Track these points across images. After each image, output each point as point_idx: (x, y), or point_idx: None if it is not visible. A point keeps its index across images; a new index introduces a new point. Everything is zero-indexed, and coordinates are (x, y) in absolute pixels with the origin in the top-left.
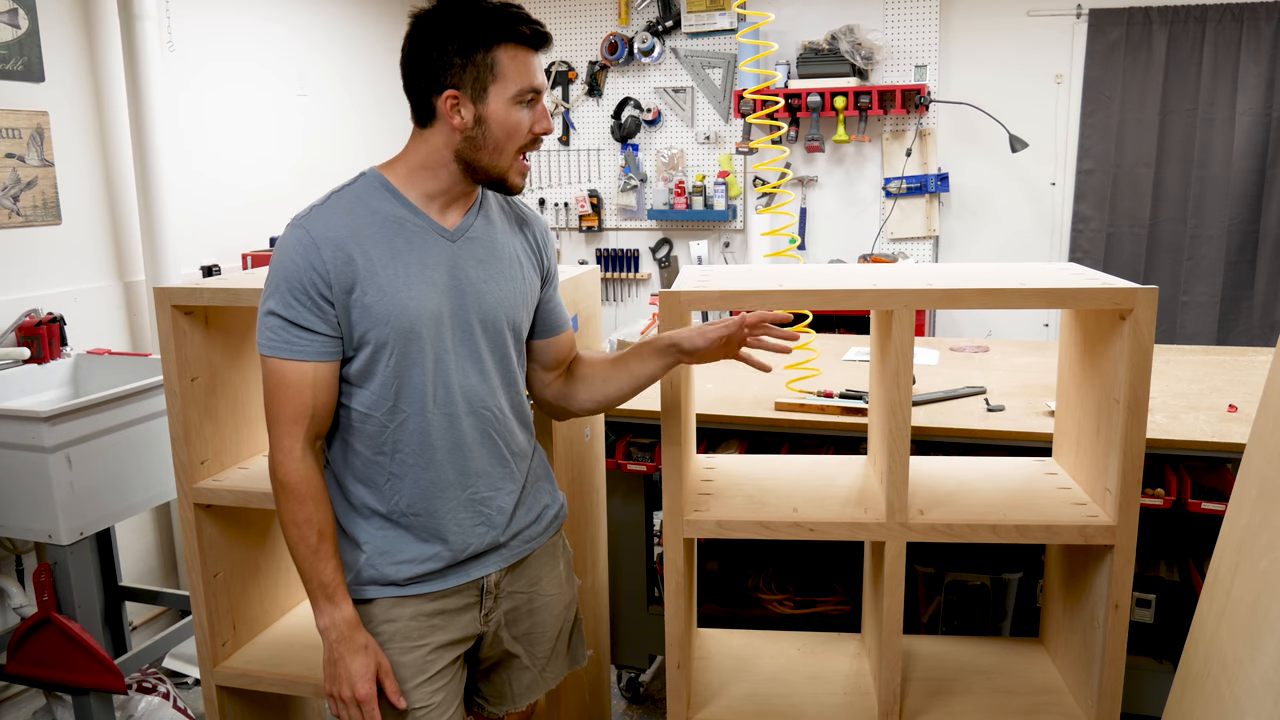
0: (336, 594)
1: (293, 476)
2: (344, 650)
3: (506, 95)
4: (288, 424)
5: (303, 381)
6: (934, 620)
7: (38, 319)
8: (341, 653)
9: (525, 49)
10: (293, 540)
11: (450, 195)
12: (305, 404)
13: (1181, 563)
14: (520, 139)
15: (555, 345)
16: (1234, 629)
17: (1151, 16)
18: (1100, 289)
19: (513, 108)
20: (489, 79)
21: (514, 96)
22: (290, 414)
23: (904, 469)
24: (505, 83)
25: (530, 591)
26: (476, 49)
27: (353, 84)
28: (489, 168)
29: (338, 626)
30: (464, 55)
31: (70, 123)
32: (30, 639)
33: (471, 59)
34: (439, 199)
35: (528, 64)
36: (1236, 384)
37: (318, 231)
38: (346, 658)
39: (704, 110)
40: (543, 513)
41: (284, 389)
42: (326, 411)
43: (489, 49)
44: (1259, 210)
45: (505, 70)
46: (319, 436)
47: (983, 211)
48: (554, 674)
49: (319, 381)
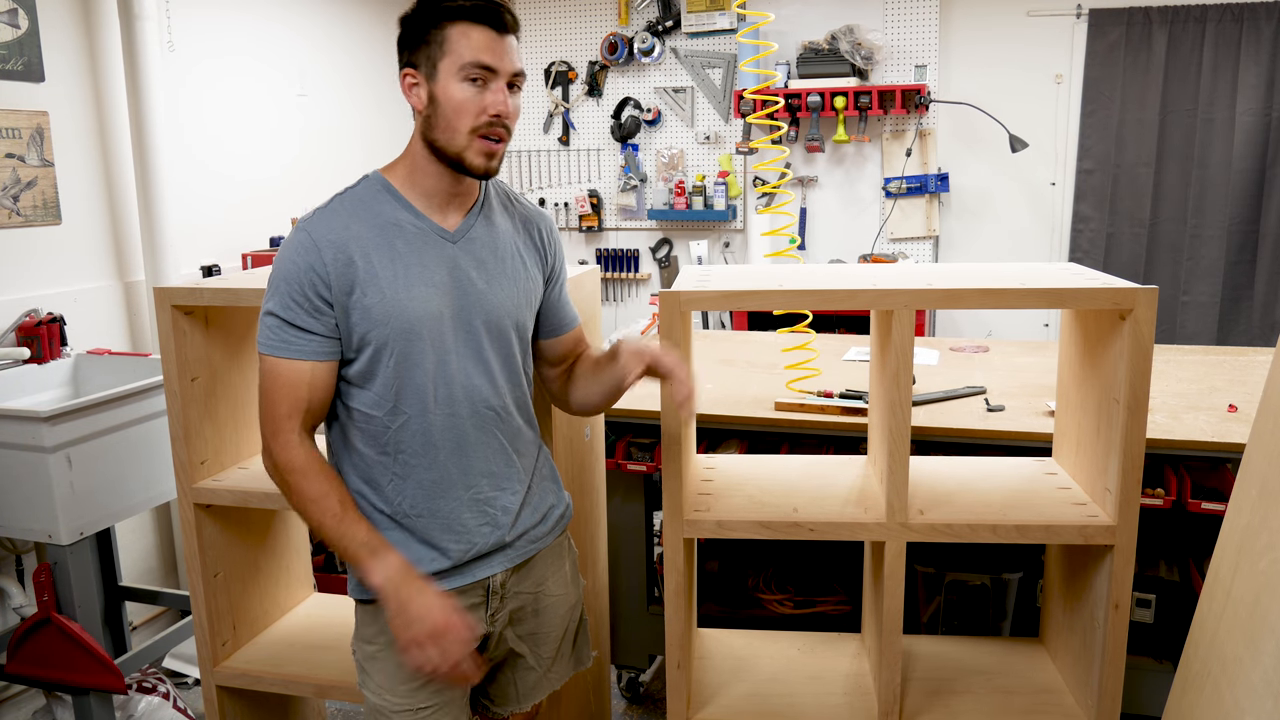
0: (380, 548)
1: (299, 458)
2: (408, 593)
3: (453, 71)
4: (283, 418)
5: (298, 379)
6: (934, 620)
7: (38, 319)
8: (406, 596)
9: (477, 25)
10: (316, 517)
11: (447, 193)
12: (301, 399)
13: (1181, 563)
14: (469, 118)
15: (561, 343)
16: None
17: (1151, 16)
18: (1100, 289)
19: (460, 84)
20: (439, 55)
21: (460, 72)
22: (285, 409)
23: (904, 469)
24: (453, 58)
25: (536, 592)
26: (429, 27)
27: (353, 84)
28: (445, 148)
29: (392, 576)
30: (420, 33)
31: (70, 123)
32: (30, 639)
33: (425, 38)
34: (437, 197)
35: (479, 40)
36: (1236, 384)
37: (319, 234)
38: (413, 599)
39: (704, 110)
40: (549, 513)
41: (280, 386)
42: (320, 409)
43: (439, 25)
44: (1259, 210)
45: (454, 45)
46: (314, 429)
47: (983, 211)
48: (559, 675)
49: (315, 380)
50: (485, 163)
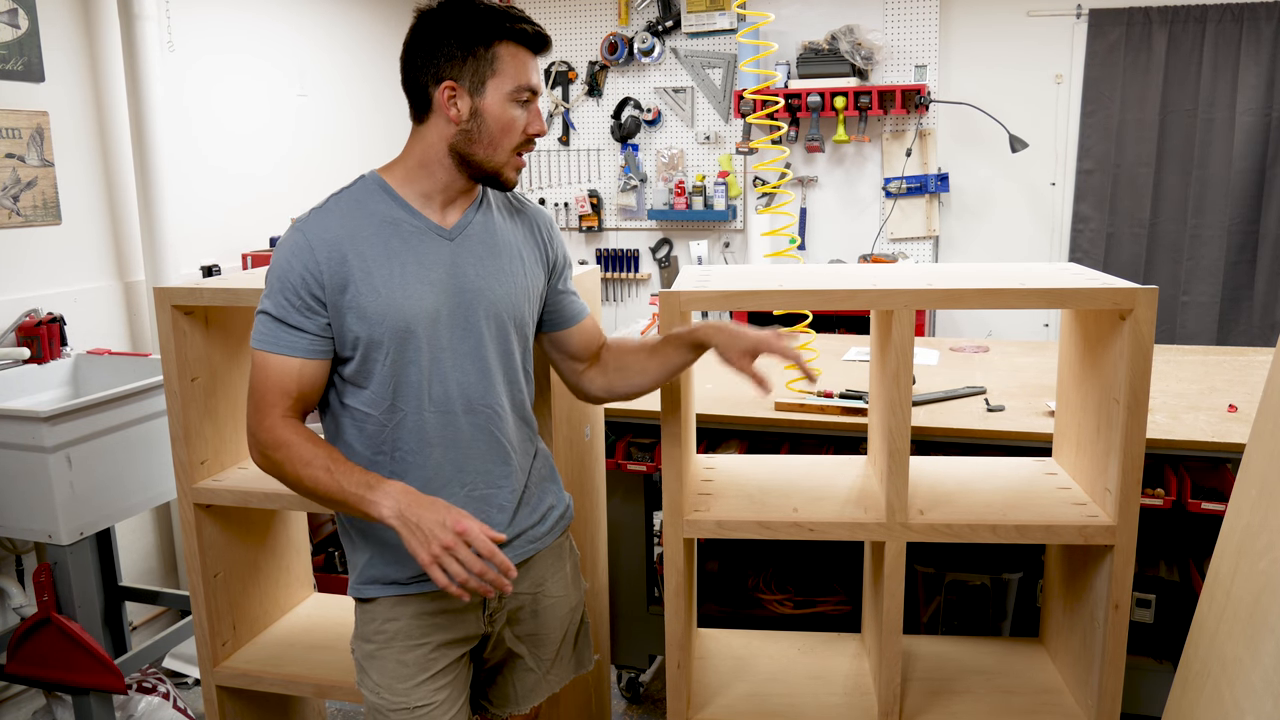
0: (377, 482)
1: (282, 434)
2: (417, 515)
3: (504, 91)
4: (269, 406)
5: (287, 373)
6: (934, 620)
7: (38, 319)
8: (416, 517)
9: (525, 49)
10: (310, 481)
11: (448, 193)
12: (288, 393)
13: (1181, 563)
14: (515, 137)
15: (578, 334)
16: (1234, 629)
17: (1151, 16)
18: (1100, 289)
19: (509, 105)
20: (488, 73)
21: (511, 93)
22: (272, 398)
23: (904, 469)
24: (503, 79)
25: (535, 593)
26: (478, 43)
27: (353, 84)
28: (484, 162)
29: (398, 498)
30: (465, 48)
31: (70, 123)
32: (30, 639)
33: (472, 52)
34: (437, 197)
35: (526, 64)
36: (1236, 384)
37: (313, 234)
38: (423, 518)
39: (704, 110)
40: (548, 513)
41: (268, 380)
42: (308, 404)
43: (490, 45)
44: (1259, 210)
45: (505, 66)
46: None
47: (983, 211)
48: (559, 677)
49: (303, 376)
50: (516, 177)
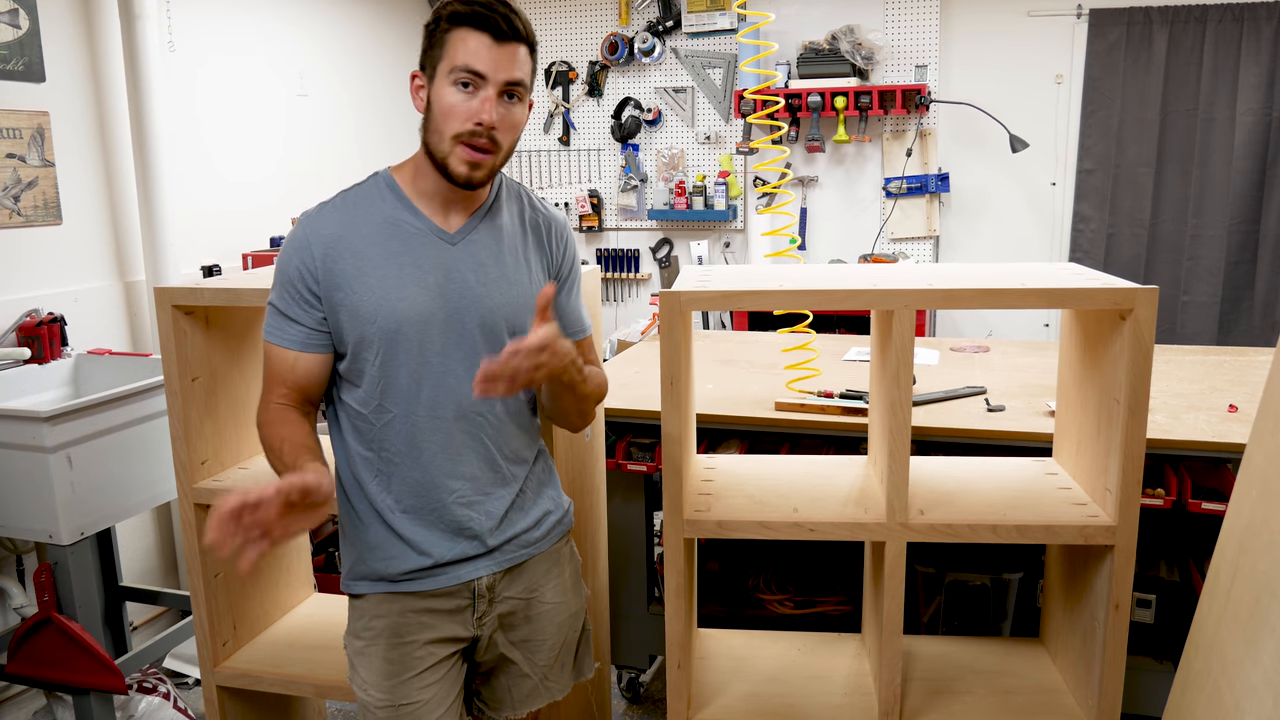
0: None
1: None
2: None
3: (445, 73)
4: (267, 391)
5: (284, 363)
6: (934, 620)
7: (38, 319)
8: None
9: (476, 31)
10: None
11: (447, 195)
12: (285, 379)
13: (1181, 563)
14: (454, 123)
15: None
16: (1234, 629)
17: (1151, 16)
18: (1100, 289)
19: (449, 88)
20: (439, 57)
21: (450, 75)
22: (270, 384)
23: (904, 469)
24: (447, 61)
25: (529, 597)
26: (435, 28)
27: (352, 84)
28: (434, 152)
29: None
30: (429, 35)
31: (71, 123)
32: (31, 639)
33: (432, 38)
34: (437, 198)
35: (473, 46)
36: (1236, 384)
37: (312, 230)
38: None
39: (704, 110)
40: (543, 518)
41: (271, 369)
42: (312, 394)
43: (443, 28)
44: (1259, 210)
45: (450, 49)
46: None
47: (983, 211)
48: (557, 684)
49: (298, 367)
50: (467, 172)
